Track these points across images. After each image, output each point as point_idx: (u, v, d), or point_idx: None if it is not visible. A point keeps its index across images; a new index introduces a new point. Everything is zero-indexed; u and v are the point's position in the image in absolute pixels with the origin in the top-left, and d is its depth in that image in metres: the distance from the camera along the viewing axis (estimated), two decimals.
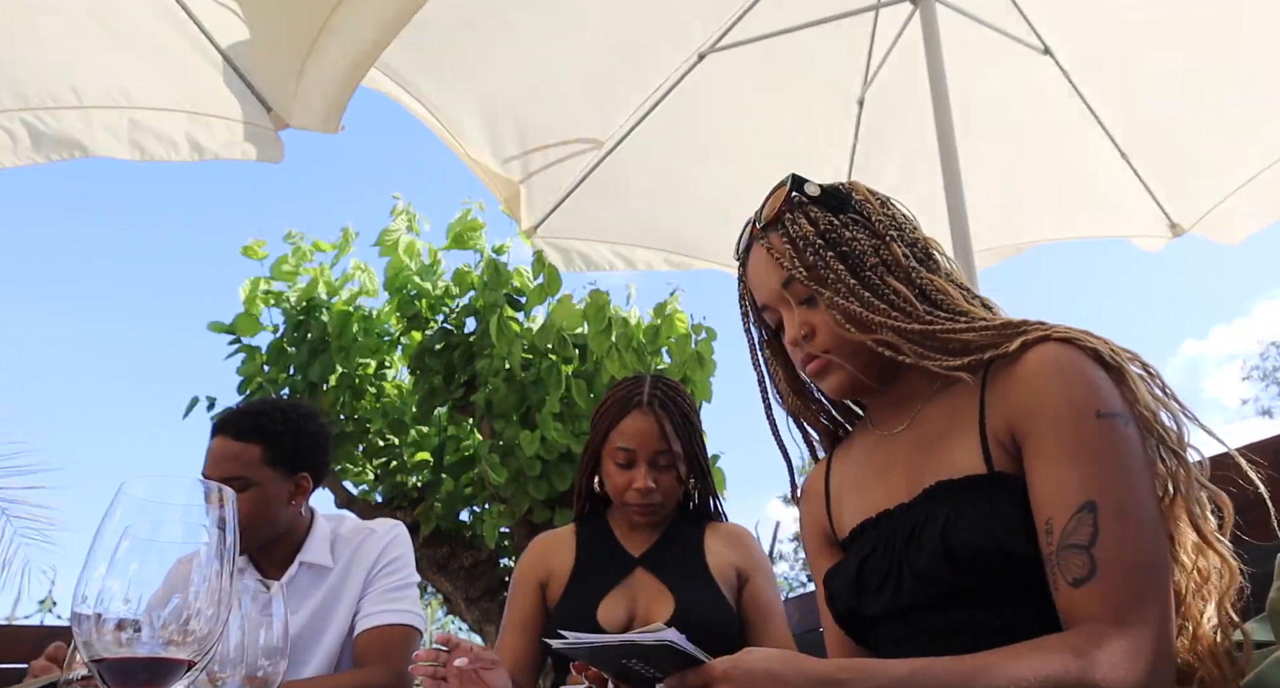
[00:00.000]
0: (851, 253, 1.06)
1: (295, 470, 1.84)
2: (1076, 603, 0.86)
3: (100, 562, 0.65)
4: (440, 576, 5.25)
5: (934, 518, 0.97)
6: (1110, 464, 0.89)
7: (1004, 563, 0.92)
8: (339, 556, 1.86)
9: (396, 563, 1.87)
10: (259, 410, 1.83)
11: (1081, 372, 0.94)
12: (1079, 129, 2.94)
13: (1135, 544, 0.86)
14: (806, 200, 1.11)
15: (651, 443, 1.67)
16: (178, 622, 0.65)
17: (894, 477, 1.07)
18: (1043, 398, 0.94)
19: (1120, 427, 0.91)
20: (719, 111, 2.99)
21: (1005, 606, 0.94)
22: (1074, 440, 0.91)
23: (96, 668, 0.64)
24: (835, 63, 2.97)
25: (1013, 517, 0.92)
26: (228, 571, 0.69)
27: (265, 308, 5.46)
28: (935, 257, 1.10)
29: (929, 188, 2.48)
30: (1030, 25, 2.78)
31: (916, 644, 0.98)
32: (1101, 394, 0.92)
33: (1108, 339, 0.98)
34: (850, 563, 1.08)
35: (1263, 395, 17.96)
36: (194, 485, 0.71)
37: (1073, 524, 0.88)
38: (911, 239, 1.10)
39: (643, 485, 1.66)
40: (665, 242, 3.11)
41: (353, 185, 54.82)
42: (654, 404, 1.69)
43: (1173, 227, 3.11)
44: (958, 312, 1.03)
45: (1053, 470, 0.91)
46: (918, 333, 1.01)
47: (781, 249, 1.09)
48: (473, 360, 5.14)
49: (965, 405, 1.02)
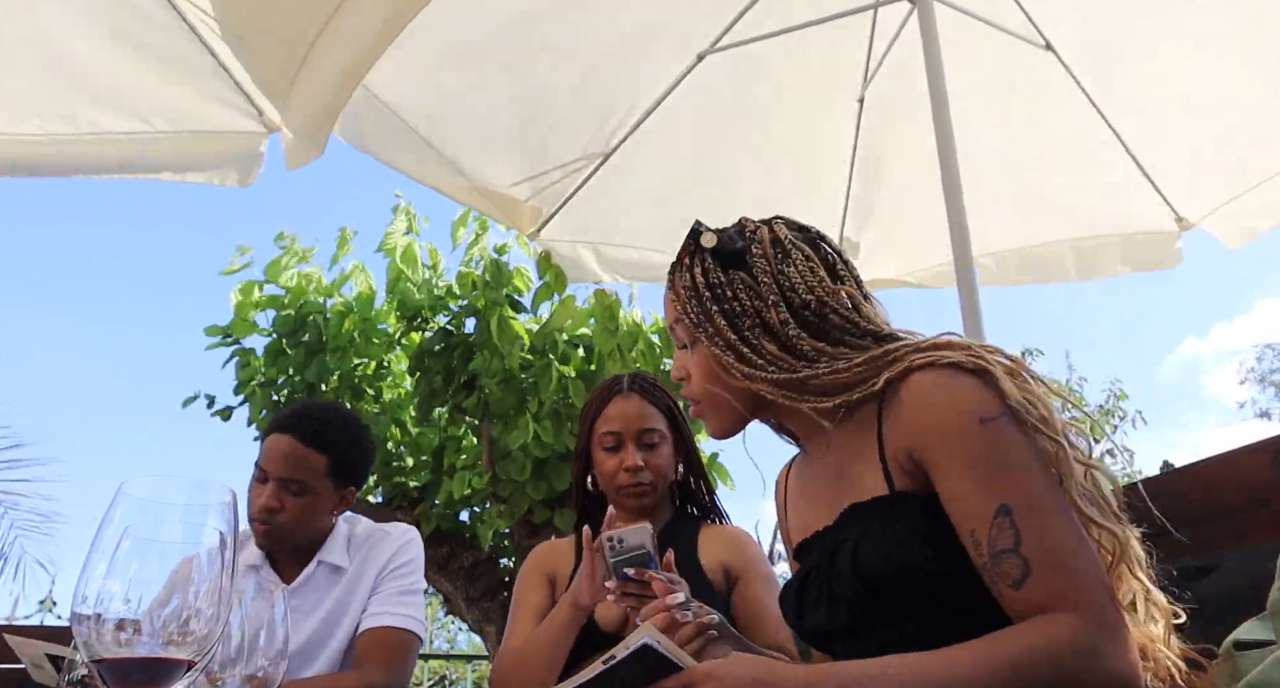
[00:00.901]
0: (732, 311, 1.12)
1: (346, 484, 1.88)
2: (1022, 601, 0.90)
3: (100, 562, 0.65)
4: (440, 575, 5.25)
5: (847, 540, 1.02)
6: (1008, 465, 0.94)
7: (913, 581, 0.96)
8: (354, 556, 1.88)
9: (407, 567, 1.89)
10: (328, 419, 1.85)
11: (954, 390, 0.99)
12: (1082, 124, 2.93)
13: (1055, 532, 0.91)
14: (701, 250, 1.16)
15: (636, 421, 1.71)
16: (177, 622, 0.65)
17: (820, 499, 1.13)
18: (927, 423, 0.99)
19: (1004, 426, 0.96)
20: (718, 112, 2.99)
21: (928, 622, 0.97)
22: (967, 453, 0.95)
23: (96, 668, 0.64)
24: (835, 62, 2.96)
25: (913, 534, 0.97)
26: (228, 571, 0.69)
27: (260, 311, 5.46)
28: (829, 315, 1.11)
29: (928, 186, 2.48)
30: (1031, 21, 2.77)
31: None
32: (979, 403, 0.97)
33: (964, 344, 1.03)
34: (795, 579, 1.13)
35: (1260, 398, 17.95)
36: (194, 485, 0.71)
37: (995, 531, 0.92)
38: (803, 301, 1.11)
39: (632, 463, 1.69)
40: (665, 244, 3.11)
41: (353, 184, 54.86)
42: (634, 388, 1.74)
43: (1179, 221, 3.10)
44: (837, 360, 1.07)
45: (959, 486, 0.95)
46: (790, 381, 1.07)
47: (674, 295, 1.18)
48: (473, 361, 5.14)
49: (867, 431, 1.07)
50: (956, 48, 2.49)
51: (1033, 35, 2.76)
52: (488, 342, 4.99)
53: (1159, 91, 2.85)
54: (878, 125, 3.08)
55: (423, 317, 5.46)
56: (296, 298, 5.47)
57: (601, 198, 2.96)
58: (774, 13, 2.70)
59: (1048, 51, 2.79)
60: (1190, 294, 40.61)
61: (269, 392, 5.34)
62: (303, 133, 1.95)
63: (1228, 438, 27.73)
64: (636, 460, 1.69)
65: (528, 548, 5.53)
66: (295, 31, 1.73)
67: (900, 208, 3.23)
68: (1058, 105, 2.91)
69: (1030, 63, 2.80)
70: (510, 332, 5.01)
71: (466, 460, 5.10)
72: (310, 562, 1.85)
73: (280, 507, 1.77)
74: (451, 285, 5.56)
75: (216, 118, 2.45)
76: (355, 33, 1.69)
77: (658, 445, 1.71)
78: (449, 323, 5.41)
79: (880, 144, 3.12)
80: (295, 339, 5.39)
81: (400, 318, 5.56)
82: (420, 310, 5.46)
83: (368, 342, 5.52)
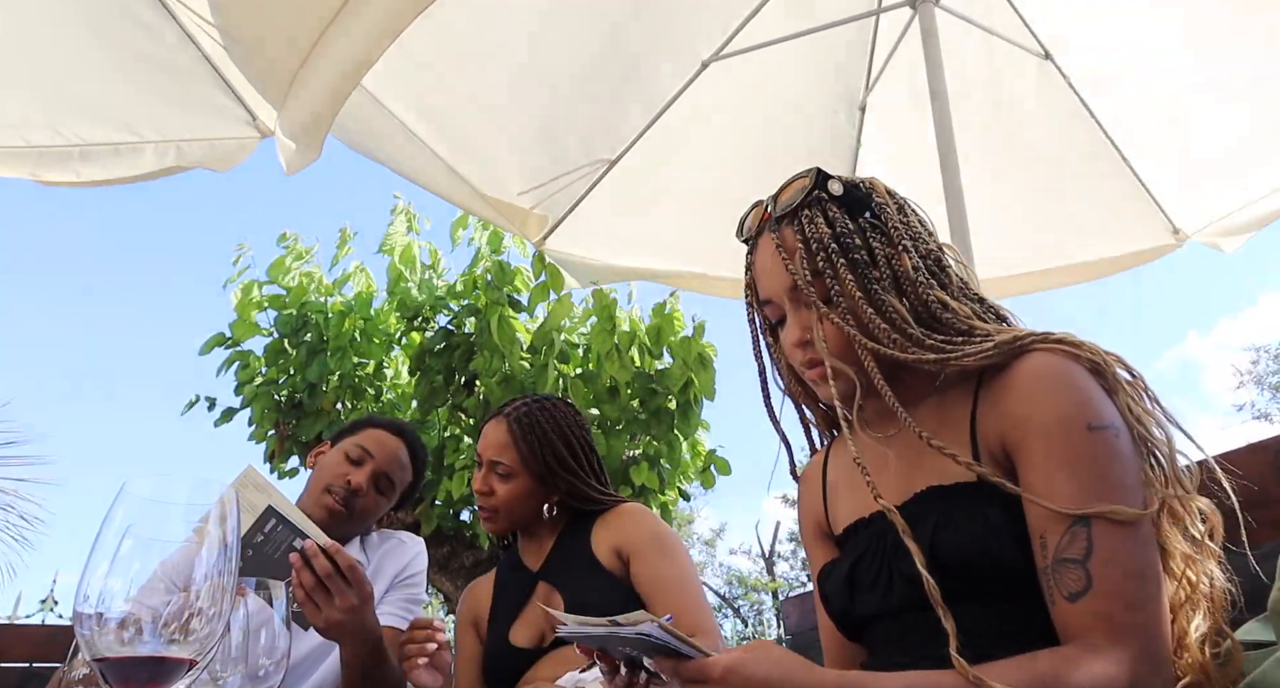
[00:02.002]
0: (862, 262, 1.04)
1: (404, 502, 2.00)
2: (1073, 616, 0.86)
3: (102, 561, 0.66)
4: (441, 575, 5.26)
5: (923, 522, 0.97)
6: (1101, 477, 0.89)
7: (990, 569, 0.92)
8: (370, 557, 1.91)
9: (417, 578, 1.94)
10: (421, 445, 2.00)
11: (1071, 382, 0.93)
12: (1080, 133, 2.93)
13: (1128, 557, 0.87)
14: (827, 198, 1.07)
15: (489, 449, 1.73)
16: (179, 621, 0.65)
17: (887, 477, 1.06)
18: (1032, 409, 0.93)
19: (1110, 439, 0.91)
20: (723, 119, 2.99)
21: (992, 606, 0.94)
22: (1064, 453, 0.90)
23: (99, 667, 0.64)
24: (837, 69, 2.97)
25: (1000, 524, 0.93)
26: (229, 569, 0.69)
27: (261, 311, 5.46)
28: (948, 268, 1.08)
29: (930, 193, 2.48)
30: (1030, 30, 2.78)
31: (907, 644, 0.99)
32: (1092, 406, 0.92)
33: (1099, 347, 0.97)
34: (844, 563, 1.08)
35: (1259, 400, 17.93)
36: (196, 485, 0.71)
37: (1066, 539, 0.88)
38: (925, 250, 1.07)
39: (478, 486, 1.73)
40: (669, 251, 3.12)
41: (354, 183, 54.83)
42: (510, 415, 1.75)
43: (1176, 233, 3.11)
44: (959, 331, 1.02)
45: (1045, 484, 0.91)
46: (936, 345, 1.00)
47: (792, 248, 1.06)
48: (473, 360, 5.14)
49: (958, 412, 1.02)
50: (957, 56, 2.50)
51: (1032, 44, 2.77)
52: (488, 341, 4.99)
53: (1157, 100, 2.86)
54: (880, 131, 3.09)
55: (423, 317, 5.47)
56: (298, 298, 5.48)
57: (608, 205, 2.97)
58: (777, 20, 2.71)
59: (1046, 60, 2.80)
60: (1193, 289, 40.53)
61: (270, 391, 5.35)
62: (299, 138, 1.95)
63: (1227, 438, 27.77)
64: (481, 486, 1.73)
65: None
66: (292, 37, 1.74)
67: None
68: (1056, 113, 2.91)
69: (1029, 72, 2.81)
70: (510, 331, 5.01)
71: (466, 460, 5.11)
72: None
73: (367, 490, 1.87)
74: (452, 285, 5.57)
75: (209, 124, 2.44)
76: (351, 39, 1.69)
77: (509, 477, 1.71)
78: (449, 323, 5.42)
79: (882, 150, 3.13)
80: (297, 339, 5.40)
81: (400, 318, 5.57)
82: (420, 310, 5.46)
83: (368, 342, 5.53)
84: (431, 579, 5.34)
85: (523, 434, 1.71)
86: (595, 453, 1.81)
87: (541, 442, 1.72)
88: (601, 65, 2.72)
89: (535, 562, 1.74)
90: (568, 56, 2.65)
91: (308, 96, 1.80)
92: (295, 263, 5.58)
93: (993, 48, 2.69)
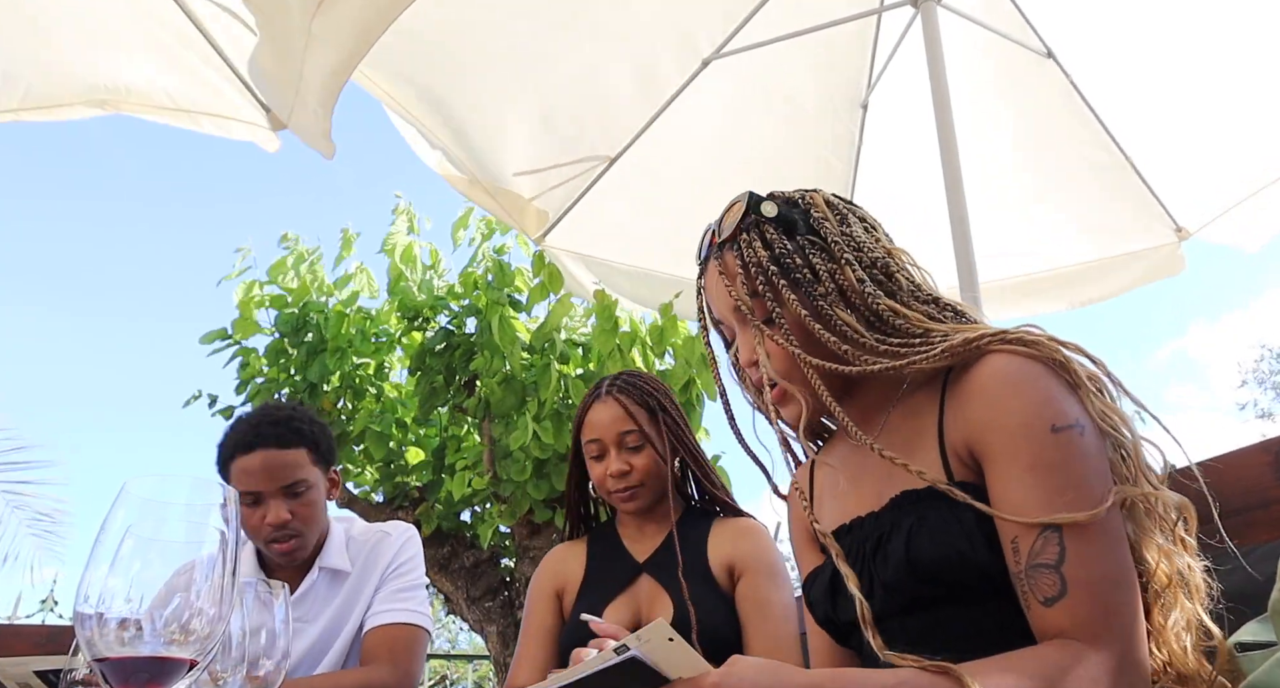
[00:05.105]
0: (804, 280, 1.05)
1: (329, 465, 1.87)
2: (1049, 621, 0.86)
3: (103, 561, 0.65)
4: (441, 575, 5.25)
5: (899, 528, 0.97)
6: (1069, 480, 0.88)
7: (965, 572, 0.92)
8: (355, 558, 1.87)
9: (408, 564, 1.88)
10: (277, 417, 1.81)
11: (1033, 383, 0.92)
12: (1082, 132, 2.93)
13: (1102, 559, 0.86)
14: (763, 220, 1.09)
15: (614, 425, 1.66)
16: (179, 621, 0.65)
17: (866, 484, 1.07)
18: (994, 414, 0.93)
19: (1076, 437, 0.89)
20: (723, 117, 2.99)
21: (972, 609, 0.94)
22: (1030, 458, 0.89)
23: (99, 667, 0.64)
24: (839, 67, 2.97)
25: (974, 527, 0.92)
26: (229, 570, 0.69)
27: (261, 310, 5.46)
28: (895, 275, 1.07)
29: (931, 191, 2.48)
30: (1033, 29, 2.78)
31: (892, 650, 0.99)
32: (1053, 406, 0.90)
33: (1057, 340, 0.96)
34: (826, 569, 1.08)
35: (1261, 399, 17.90)
36: (197, 484, 0.71)
37: (1039, 544, 0.87)
38: (870, 259, 1.07)
39: (615, 469, 1.66)
40: (670, 249, 3.11)
41: (354, 183, 54.87)
42: (612, 392, 1.70)
43: (1178, 230, 3.10)
44: (913, 335, 1.01)
45: (1013, 488, 0.90)
46: (891, 351, 1.00)
47: (733, 272, 1.09)
48: (473, 360, 5.14)
49: (926, 418, 1.02)
50: (959, 54, 2.50)
51: (1034, 43, 2.76)
52: (489, 342, 4.99)
53: (1159, 99, 2.85)
54: (881, 129, 3.09)
55: (423, 317, 5.46)
56: (299, 297, 5.48)
57: (607, 201, 2.96)
58: (779, 18, 2.70)
59: (1049, 59, 2.80)
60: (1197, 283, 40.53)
61: (271, 391, 5.34)
62: (310, 132, 1.97)
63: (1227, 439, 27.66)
64: (619, 466, 1.65)
65: (528, 548, 5.49)
66: (289, 30, 1.75)
67: (904, 211, 3.23)
68: (1058, 112, 2.91)
69: (1032, 70, 2.81)
70: (511, 332, 5.01)
71: (467, 460, 5.10)
72: (311, 569, 1.83)
73: (291, 516, 1.75)
74: (452, 286, 5.57)
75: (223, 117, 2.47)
76: (339, 30, 1.71)
77: (640, 447, 1.66)
78: (450, 323, 5.42)
79: (884, 148, 3.13)
80: (297, 339, 5.40)
81: (401, 318, 5.57)
82: (421, 310, 5.46)
83: (368, 342, 5.53)
84: (432, 579, 5.34)
85: (634, 402, 1.68)
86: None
87: (652, 405, 1.69)
88: (603, 62, 2.72)
89: (641, 552, 1.69)
90: (569, 53, 2.65)
91: (310, 90, 1.81)
92: (297, 264, 5.57)
93: (995, 46, 2.69)
